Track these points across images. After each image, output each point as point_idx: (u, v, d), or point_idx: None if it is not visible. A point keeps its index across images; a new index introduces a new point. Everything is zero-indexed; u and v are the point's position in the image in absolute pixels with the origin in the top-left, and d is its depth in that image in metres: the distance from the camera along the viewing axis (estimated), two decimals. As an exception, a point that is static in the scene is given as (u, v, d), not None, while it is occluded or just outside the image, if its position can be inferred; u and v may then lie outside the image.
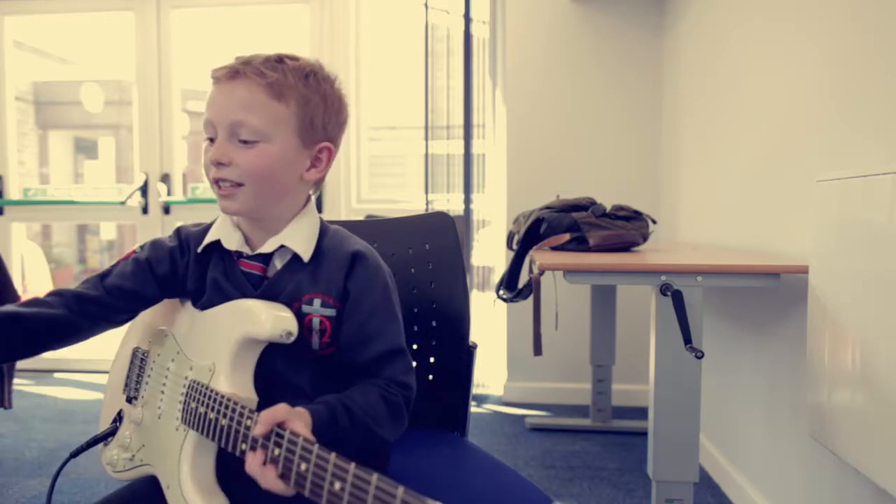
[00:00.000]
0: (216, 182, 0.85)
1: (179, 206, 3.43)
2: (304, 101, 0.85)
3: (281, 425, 0.70)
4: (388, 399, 0.85)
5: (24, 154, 6.04)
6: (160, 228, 3.43)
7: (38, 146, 7.21)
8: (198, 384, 0.83)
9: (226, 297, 0.89)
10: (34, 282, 5.35)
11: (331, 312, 0.87)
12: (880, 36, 1.20)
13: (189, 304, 0.94)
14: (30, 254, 5.16)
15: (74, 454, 0.95)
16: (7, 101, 3.54)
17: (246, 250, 0.89)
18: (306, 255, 0.88)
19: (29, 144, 6.67)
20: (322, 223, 0.93)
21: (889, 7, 1.17)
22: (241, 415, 0.75)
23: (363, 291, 0.87)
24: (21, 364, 1.99)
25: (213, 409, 0.79)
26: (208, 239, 0.90)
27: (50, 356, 3.53)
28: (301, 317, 0.86)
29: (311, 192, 0.93)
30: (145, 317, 0.98)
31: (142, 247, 0.94)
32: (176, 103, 3.43)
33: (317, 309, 0.87)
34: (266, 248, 0.88)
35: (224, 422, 0.76)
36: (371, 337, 0.87)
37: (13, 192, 3.54)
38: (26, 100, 6.55)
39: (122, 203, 3.41)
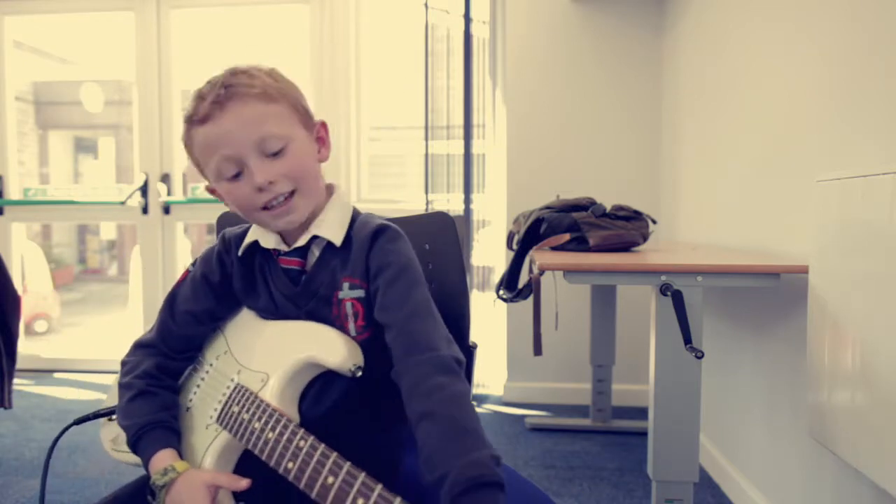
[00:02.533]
0: (267, 207, 0.84)
1: (179, 206, 3.43)
2: (286, 93, 0.86)
3: None
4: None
5: (24, 154, 6.04)
6: (160, 228, 3.43)
7: (38, 146, 7.21)
8: (245, 390, 0.83)
9: (270, 296, 0.90)
10: (34, 282, 5.35)
11: (359, 293, 0.86)
12: (880, 36, 1.20)
13: (247, 309, 0.94)
14: (30, 254, 5.16)
15: (78, 422, 0.96)
16: (7, 101, 3.53)
17: (283, 247, 0.90)
18: (338, 240, 0.88)
19: (29, 144, 6.68)
20: (354, 210, 0.94)
21: (889, 7, 1.17)
22: (294, 434, 0.74)
23: (383, 262, 0.86)
24: (21, 364, 1.99)
25: (258, 419, 0.78)
26: (247, 241, 0.91)
27: (50, 356, 3.57)
28: (340, 304, 0.86)
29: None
30: None
31: (193, 263, 0.96)
32: (176, 103, 3.43)
33: (347, 293, 0.87)
34: (300, 241, 0.89)
35: (271, 435, 0.76)
36: (396, 302, 0.83)
37: (13, 192, 3.53)
38: (26, 100, 6.55)
39: (122, 203, 3.41)
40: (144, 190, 3.41)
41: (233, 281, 0.93)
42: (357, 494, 0.65)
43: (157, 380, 0.91)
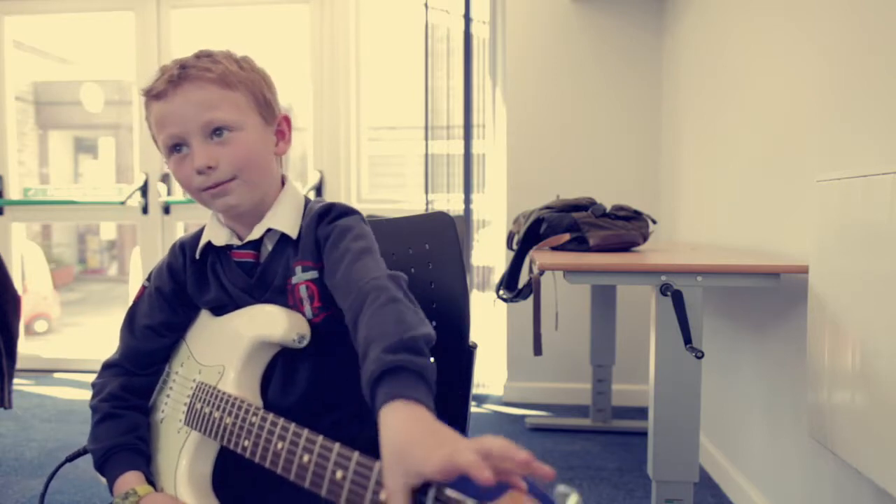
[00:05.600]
0: (206, 189, 0.85)
1: (179, 206, 3.43)
2: (250, 82, 0.87)
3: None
4: (398, 303, 0.73)
5: (24, 154, 6.03)
6: (160, 228, 3.43)
7: (38, 146, 7.21)
8: (205, 385, 0.84)
9: (225, 291, 0.90)
10: (34, 282, 5.35)
11: (312, 275, 0.86)
12: (881, 35, 1.20)
13: (203, 312, 0.94)
14: (30, 254, 5.16)
15: (71, 458, 0.95)
16: (7, 101, 3.53)
17: (235, 242, 0.90)
18: (294, 233, 0.88)
19: (29, 144, 6.67)
20: (307, 199, 0.94)
21: (890, 7, 1.17)
22: (247, 412, 0.75)
23: (328, 232, 0.86)
24: (21, 364, 1.99)
25: (217, 408, 0.79)
26: (202, 243, 0.92)
27: (50, 356, 3.57)
28: (293, 290, 0.86)
29: (280, 167, 0.94)
30: None
31: (148, 278, 0.97)
32: (176, 103, 3.42)
33: (300, 276, 0.86)
34: (253, 234, 0.89)
35: (228, 420, 0.77)
36: (338, 258, 0.82)
37: (13, 192, 3.53)
38: (26, 100, 6.54)
39: (122, 203, 3.41)
40: (144, 190, 3.41)
41: (187, 287, 0.93)
42: (303, 451, 0.65)
43: (123, 400, 0.92)
